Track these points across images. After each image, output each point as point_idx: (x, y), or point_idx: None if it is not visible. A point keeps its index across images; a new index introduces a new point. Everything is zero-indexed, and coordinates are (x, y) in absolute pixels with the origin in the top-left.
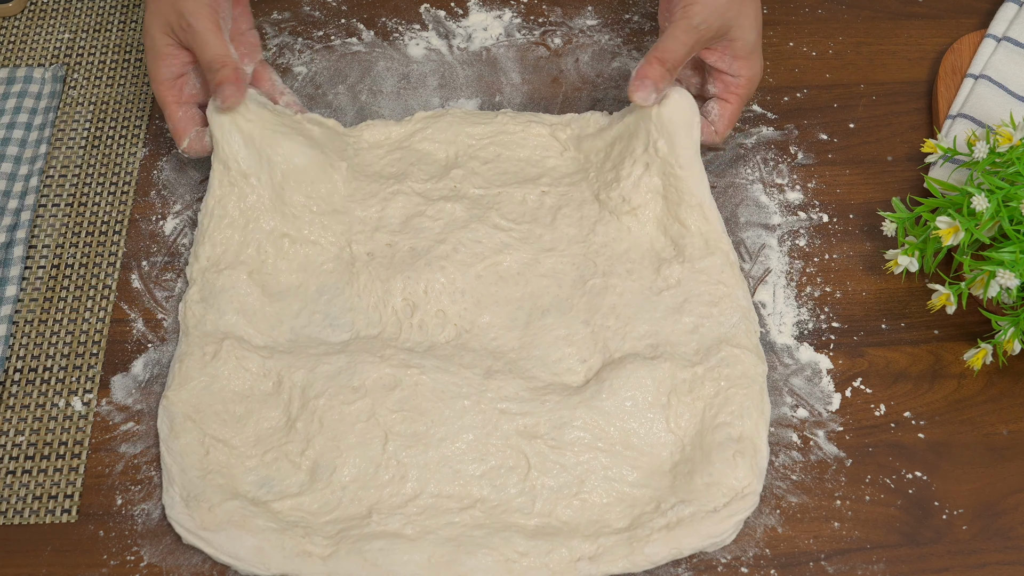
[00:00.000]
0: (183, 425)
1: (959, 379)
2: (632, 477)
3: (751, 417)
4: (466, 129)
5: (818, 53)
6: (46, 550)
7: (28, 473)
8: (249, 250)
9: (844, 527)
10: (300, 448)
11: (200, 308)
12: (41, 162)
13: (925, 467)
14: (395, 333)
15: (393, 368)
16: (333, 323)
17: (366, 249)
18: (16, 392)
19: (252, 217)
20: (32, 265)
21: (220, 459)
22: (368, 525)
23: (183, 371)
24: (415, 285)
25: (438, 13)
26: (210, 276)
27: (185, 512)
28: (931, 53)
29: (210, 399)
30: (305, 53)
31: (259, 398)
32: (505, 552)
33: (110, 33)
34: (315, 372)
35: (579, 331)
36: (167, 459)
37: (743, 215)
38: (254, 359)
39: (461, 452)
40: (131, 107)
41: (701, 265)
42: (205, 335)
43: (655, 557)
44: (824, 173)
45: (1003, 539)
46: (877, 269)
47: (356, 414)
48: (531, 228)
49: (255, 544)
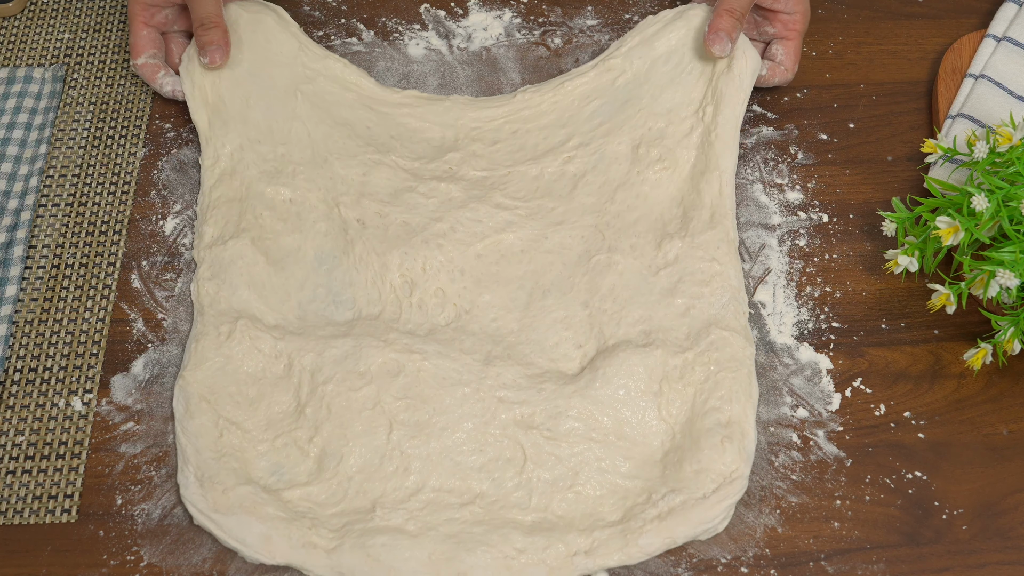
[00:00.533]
0: (198, 406)
1: (959, 379)
2: (624, 468)
3: (739, 401)
4: (470, 114)
5: (818, 53)
6: (46, 550)
7: (28, 473)
8: (247, 216)
9: (844, 527)
10: (308, 435)
11: (213, 286)
12: (41, 162)
13: (925, 467)
14: (395, 313)
15: (397, 353)
16: (336, 299)
17: (355, 215)
18: (16, 392)
19: (240, 169)
20: (32, 265)
21: (233, 442)
22: (372, 520)
23: (199, 351)
24: (412, 261)
25: (438, 13)
26: (216, 251)
27: (199, 492)
28: (931, 53)
29: (224, 380)
30: None
31: (271, 381)
32: (503, 549)
33: (110, 33)
34: (323, 356)
35: (577, 314)
36: (182, 439)
37: (743, 215)
38: (267, 340)
39: (461, 442)
40: (131, 107)
41: (700, 239)
42: (220, 314)
43: (649, 548)
44: (824, 173)
45: (1003, 539)
46: (877, 269)
47: (362, 401)
48: (542, 203)
49: (263, 531)
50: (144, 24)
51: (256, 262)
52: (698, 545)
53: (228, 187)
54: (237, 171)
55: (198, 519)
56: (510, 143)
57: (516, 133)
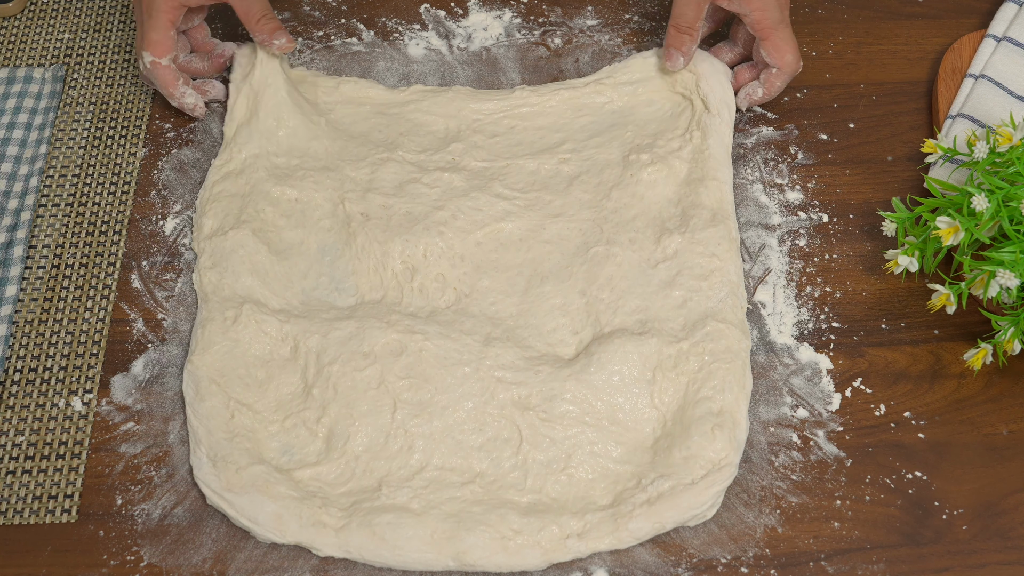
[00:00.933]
0: (208, 388)
1: (959, 379)
2: (616, 453)
3: (732, 391)
4: (471, 105)
5: (818, 53)
6: (46, 550)
7: (28, 473)
8: (248, 210)
9: (844, 527)
10: (316, 415)
11: (215, 275)
12: (41, 162)
13: (925, 467)
14: (397, 297)
15: (399, 334)
16: (339, 287)
17: (360, 209)
18: (16, 392)
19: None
20: (32, 265)
21: (245, 423)
22: (379, 498)
23: (206, 336)
24: (413, 248)
25: (438, 13)
26: (216, 241)
27: (212, 472)
28: (931, 53)
29: (233, 363)
30: (305, 53)
31: (278, 363)
32: (501, 529)
33: (110, 33)
34: (328, 338)
35: (574, 301)
36: (193, 422)
37: (743, 215)
38: (272, 323)
39: (461, 421)
40: (131, 107)
41: (702, 235)
42: (224, 300)
43: (639, 533)
44: (824, 173)
45: (1003, 539)
46: (877, 269)
47: (367, 381)
48: (540, 195)
49: (275, 510)
50: (172, 24)
51: (258, 251)
52: (698, 545)
53: (232, 184)
54: (245, 172)
55: (211, 499)
56: (508, 137)
57: (513, 129)
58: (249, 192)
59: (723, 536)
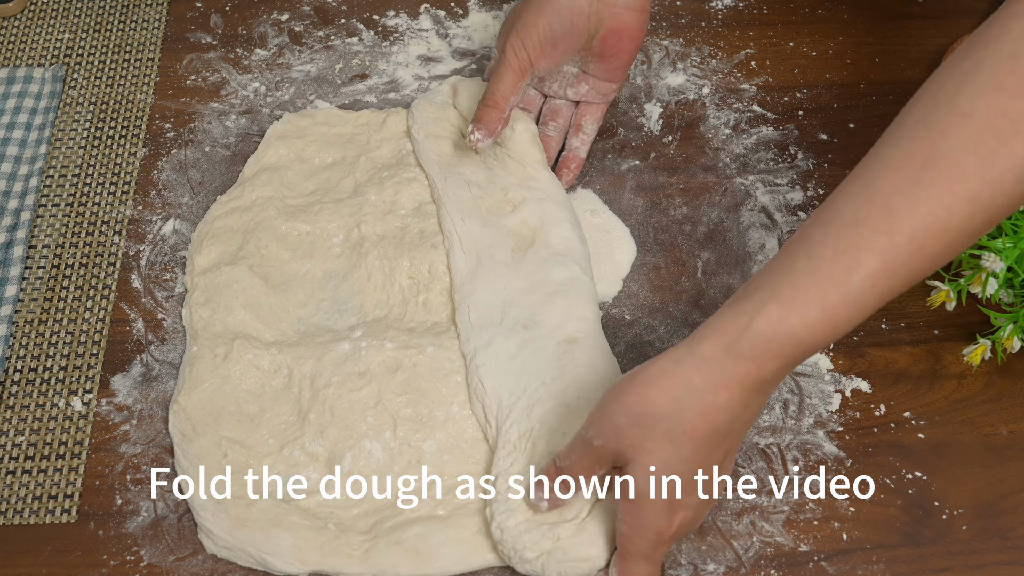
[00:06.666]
0: (197, 429)
1: (959, 379)
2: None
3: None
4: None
5: (818, 53)
6: (46, 550)
7: (28, 473)
8: (248, 245)
9: (844, 527)
10: (315, 440)
11: (207, 311)
12: (41, 162)
13: (925, 467)
14: (400, 313)
15: (395, 350)
16: (342, 308)
17: (377, 231)
18: (16, 392)
19: (257, 210)
20: (32, 265)
21: (239, 460)
22: (401, 513)
23: (194, 375)
24: (420, 265)
25: (438, 13)
26: (210, 277)
27: (212, 520)
28: (931, 53)
29: (223, 401)
30: (305, 53)
31: (271, 395)
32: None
33: (110, 33)
34: (323, 360)
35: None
36: (183, 463)
37: (743, 215)
38: (265, 356)
39: (462, 431)
40: (131, 107)
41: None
42: (215, 336)
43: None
44: (824, 173)
45: (1003, 539)
46: None
47: (364, 401)
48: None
49: (293, 542)
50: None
51: (253, 285)
52: (698, 545)
53: (236, 220)
54: (253, 209)
55: (221, 553)
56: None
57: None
58: (253, 228)
59: (723, 537)
